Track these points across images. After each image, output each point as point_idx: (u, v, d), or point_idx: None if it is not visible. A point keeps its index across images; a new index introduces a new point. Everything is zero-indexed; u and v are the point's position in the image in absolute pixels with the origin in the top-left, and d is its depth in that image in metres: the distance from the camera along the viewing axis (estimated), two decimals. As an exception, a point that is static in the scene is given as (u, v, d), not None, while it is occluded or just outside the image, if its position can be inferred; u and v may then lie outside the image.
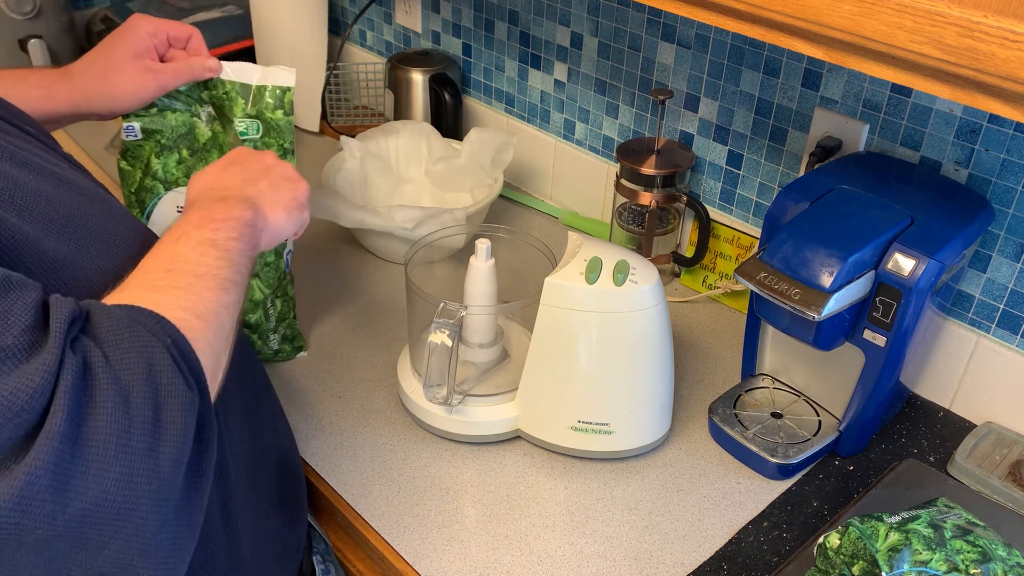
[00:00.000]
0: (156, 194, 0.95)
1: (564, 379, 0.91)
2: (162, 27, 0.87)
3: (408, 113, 1.50)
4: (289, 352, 1.08)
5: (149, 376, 0.50)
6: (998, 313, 0.97)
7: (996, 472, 0.91)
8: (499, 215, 1.40)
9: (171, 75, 0.87)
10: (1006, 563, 0.69)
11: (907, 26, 0.57)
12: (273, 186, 0.76)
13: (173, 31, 0.88)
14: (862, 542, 0.72)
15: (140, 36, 0.85)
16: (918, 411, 1.03)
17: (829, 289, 0.81)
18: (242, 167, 0.77)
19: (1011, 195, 0.92)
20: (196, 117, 0.92)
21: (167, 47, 0.89)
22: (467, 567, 0.83)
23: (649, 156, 1.15)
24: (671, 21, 1.16)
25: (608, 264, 0.88)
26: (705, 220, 1.15)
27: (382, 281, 1.24)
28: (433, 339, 0.86)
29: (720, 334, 1.15)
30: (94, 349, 0.50)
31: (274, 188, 0.76)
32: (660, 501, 0.91)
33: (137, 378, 0.50)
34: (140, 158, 0.93)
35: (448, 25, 1.51)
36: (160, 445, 0.49)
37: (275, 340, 1.06)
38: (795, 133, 1.08)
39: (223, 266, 0.63)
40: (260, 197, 0.74)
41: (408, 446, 0.96)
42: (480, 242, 0.93)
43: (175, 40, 0.88)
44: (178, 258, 0.62)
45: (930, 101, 0.95)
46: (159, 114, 0.91)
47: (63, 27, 1.63)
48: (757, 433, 0.95)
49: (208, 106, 0.93)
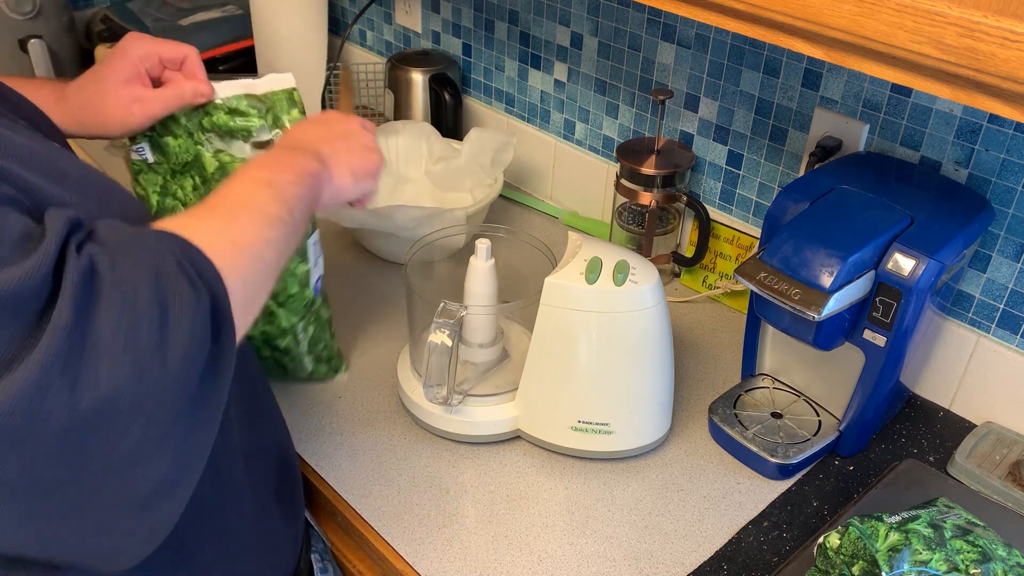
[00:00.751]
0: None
1: (564, 379, 0.91)
2: (155, 49, 0.84)
3: (408, 113, 1.50)
4: (326, 372, 1.05)
5: (155, 278, 0.51)
6: (998, 313, 0.97)
7: (996, 472, 0.91)
8: (499, 215, 1.40)
9: (160, 104, 0.84)
10: (1006, 563, 0.70)
11: (907, 26, 0.57)
12: (349, 149, 0.79)
13: (166, 52, 0.85)
14: (862, 542, 0.72)
15: (131, 61, 0.83)
16: (918, 411, 1.03)
17: (829, 289, 0.81)
18: (325, 127, 0.81)
19: (1011, 195, 0.92)
20: (200, 145, 0.88)
21: (161, 69, 0.86)
22: (467, 567, 0.83)
23: (649, 156, 1.15)
24: (671, 21, 1.16)
25: (608, 264, 0.88)
26: (705, 220, 1.15)
27: (382, 281, 1.24)
28: (433, 339, 0.86)
29: (720, 334, 1.15)
30: (101, 254, 0.50)
31: (349, 151, 0.79)
32: (660, 501, 0.91)
33: (143, 279, 0.50)
34: (155, 182, 0.90)
35: (448, 25, 1.51)
36: (168, 342, 0.50)
37: (309, 361, 1.02)
38: (795, 133, 1.09)
39: (274, 204, 0.64)
40: (333, 155, 0.77)
41: (408, 446, 0.96)
42: (480, 242, 0.93)
43: (169, 62, 0.85)
44: (230, 192, 0.64)
45: (930, 101, 0.95)
46: (161, 139, 0.87)
47: (63, 27, 1.63)
48: (757, 433, 0.95)
49: (211, 134, 0.88)
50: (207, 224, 0.59)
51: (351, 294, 1.20)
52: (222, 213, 0.61)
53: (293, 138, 0.79)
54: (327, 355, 1.04)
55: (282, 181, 0.67)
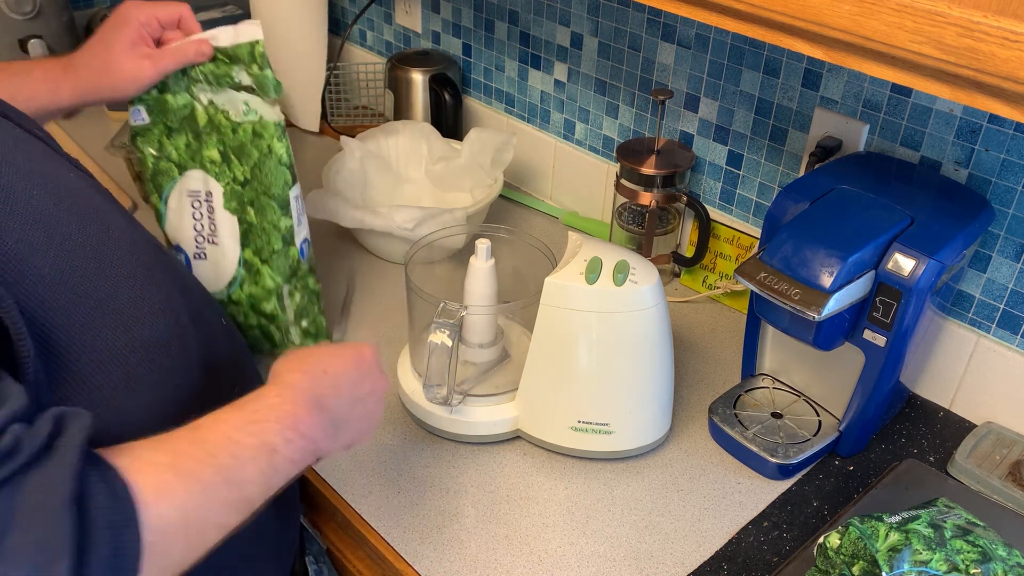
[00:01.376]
0: (172, 178, 0.95)
1: (564, 379, 0.91)
2: (152, 12, 0.90)
3: (408, 113, 1.50)
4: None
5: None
6: (998, 313, 0.97)
7: (996, 472, 0.91)
8: (499, 215, 1.40)
9: (168, 59, 0.89)
10: (1006, 563, 0.70)
11: (907, 26, 0.57)
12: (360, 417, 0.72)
13: (163, 15, 0.90)
14: (862, 542, 0.72)
15: (134, 27, 0.88)
16: (918, 411, 1.03)
17: (829, 289, 0.81)
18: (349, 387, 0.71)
19: (1011, 195, 0.92)
20: (195, 100, 0.93)
21: (160, 31, 0.91)
22: (467, 567, 0.83)
23: (649, 156, 1.15)
24: (671, 21, 1.16)
25: (608, 264, 0.88)
26: (705, 220, 1.15)
27: (382, 281, 1.24)
28: (433, 339, 0.86)
29: (720, 334, 1.15)
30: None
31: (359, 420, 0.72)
32: (660, 501, 0.91)
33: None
34: (151, 142, 0.94)
35: (448, 25, 1.51)
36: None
37: (296, 334, 1.04)
38: (795, 133, 1.09)
39: (260, 480, 0.61)
40: (344, 423, 0.70)
41: (408, 446, 0.96)
42: (480, 242, 0.93)
43: (167, 23, 0.91)
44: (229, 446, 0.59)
45: (930, 101, 0.95)
46: (160, 96, 0.92)
47: (63, 27, 1.63)
48: (757, 433, 0.95)
49: (202, 84, 0.93)
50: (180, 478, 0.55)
51: (351, 294, 1.20)
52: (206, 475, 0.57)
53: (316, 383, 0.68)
54: (315, 330, 1.06)
55: (284, 457, 0.62)
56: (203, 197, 0.96)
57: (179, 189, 0.96)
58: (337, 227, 1.30)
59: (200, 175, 0.95)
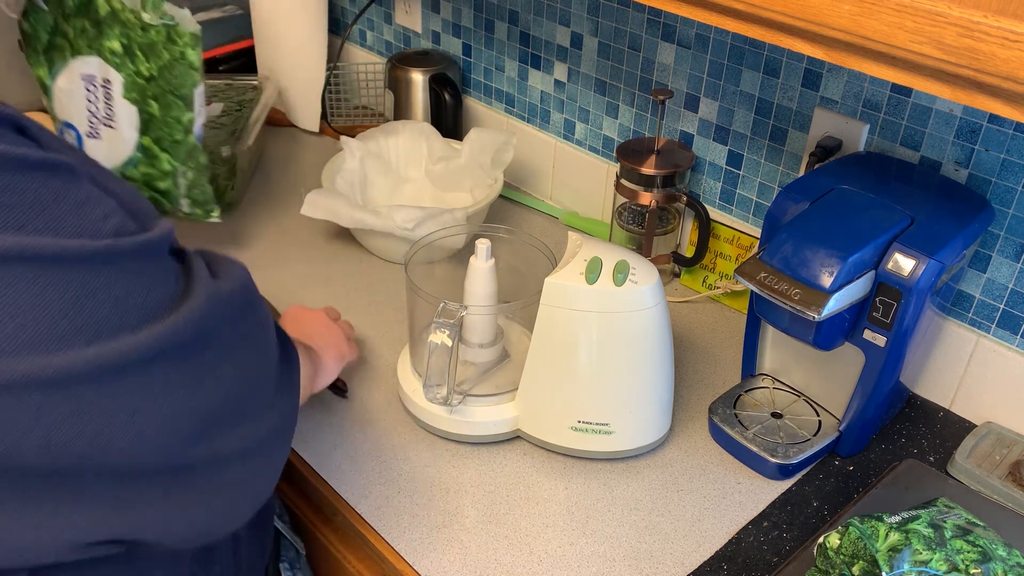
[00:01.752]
0: (64, 59, 1.01)
1: (564, 379, 0.91)
2: None
3: (408, 113, 1.50)
4: (201, 215, 1.15)
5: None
6: (998, 313, 0.97)
7: (996, 472, 0.91)
8: (499, 215, 1.40)
9: None
10: (1006, 563, 0.70)
11: (907, 26, 0.57)
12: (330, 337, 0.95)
13: None
14: (862, 542, 0.72)
15: None
16: (918, 411, 1.03)
17: (829, 289, 0.81)
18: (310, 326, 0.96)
19: (1011, 195, 0.92)
20: None
21: None
22: (467, 567, 0.83)
23: (649, 156, 1.15)
24: (671, 21, 1.16)
25: (608, 264, 0.88)
26: (705, 220, 1.15)
27: (382, 281, 1.24)
28: (433, 339, 0.86)
29: (720, 334, 1.15)
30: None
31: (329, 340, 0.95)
32: (660, 501, 0.91)
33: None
34: (46, 21, 0.99)
35: (448, 25, 1.51)
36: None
37: (186, 204, 1.12)
38: (795, 133, 1.09)
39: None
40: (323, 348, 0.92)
41: (408, 446, 0.96)
42: (480, 242, 0.93)
43: None
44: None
45: (930, 101, 0.95)
46: None
47: (63, 27, 1.63)
48: (757, 433, 0.95)
49: None
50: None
51: (351, 294, 1.20)
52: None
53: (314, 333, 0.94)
54: (203, 199, 1.14)
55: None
56: (99, 83, 1.02)
57: (71, 71, 1.01)
58: (337, 227, 1.30)
59: (96, 62, 1.01)
